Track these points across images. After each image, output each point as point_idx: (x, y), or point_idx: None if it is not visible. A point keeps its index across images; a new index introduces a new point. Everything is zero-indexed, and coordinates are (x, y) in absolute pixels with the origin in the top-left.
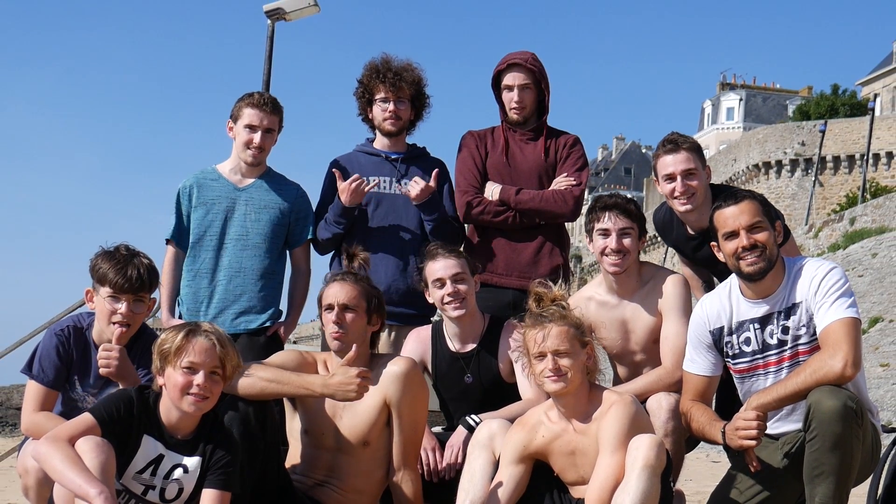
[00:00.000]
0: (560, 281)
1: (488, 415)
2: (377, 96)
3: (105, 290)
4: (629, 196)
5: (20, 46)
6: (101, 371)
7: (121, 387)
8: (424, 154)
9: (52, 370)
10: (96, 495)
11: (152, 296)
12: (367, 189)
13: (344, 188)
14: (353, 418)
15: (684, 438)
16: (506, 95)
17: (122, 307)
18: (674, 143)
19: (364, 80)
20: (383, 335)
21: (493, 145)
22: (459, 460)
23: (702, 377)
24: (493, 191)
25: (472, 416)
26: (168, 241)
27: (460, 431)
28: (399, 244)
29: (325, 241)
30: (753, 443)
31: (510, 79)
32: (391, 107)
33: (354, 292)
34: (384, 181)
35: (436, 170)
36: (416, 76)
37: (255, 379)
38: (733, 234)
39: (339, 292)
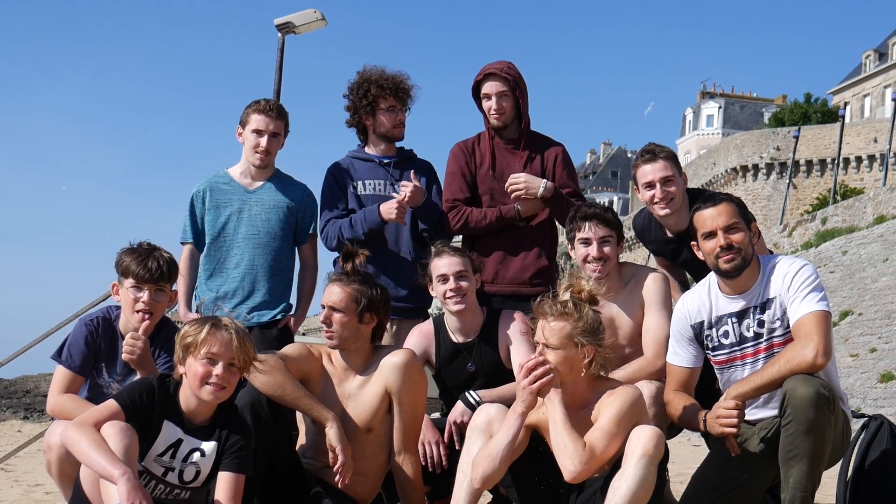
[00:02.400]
0: (591, 279)
1: (486, 393)
2: (384, 105)
3: (129, 282)
4: (616, 198)
5: (45, 57)
6: (124, 357)
7: (139, 375)
8: (412, 156)
9: (80, 357)
10: (119, 476)
11: (173, 288)
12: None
13: (392, 208)
14: (356, 407)
15: (666, 424)
16: (485, 104)
17: (144, 296)
18: (651, 152)
19: (371, 90)
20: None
21: (481, 161)
22: (458, 433)
23: (684, 368)
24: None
25: (471, 392)
26: (183, 244)
27: (460, 407)
28: (396, 244)
29: (345, 239)
30: (734, 430)
31: (488, 88)
32: (400, 115)
33: (343, 294)
34: (379, 184)
35: (412, 171)
36: (412, 85)
37: (275, 386)
38: (711, 234)
39: (329, 295)
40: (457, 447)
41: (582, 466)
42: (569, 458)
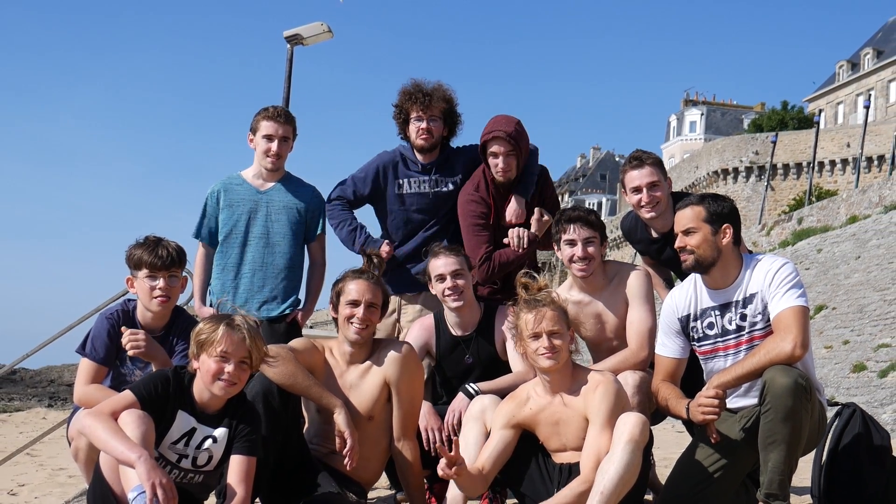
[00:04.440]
0: (543, 272)
1: (485, 384)
2: (412, 115)
3: (143, 273)
4: (604, 199)
5: (68, 66)
6: (131, 353)
7: (153, 366)
8: (454, 153)
9: (103, 349)
10: (137, 458)
11: (183, 273)
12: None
13: (385, 252)
14: (358, 396)
15: (650, 411)
16: (492, 161)
17: (160, 283)
18: (638, 159)
19: (400, 102)
20: (415, 307)
21: (496, 212)
22: (457, 421)
23: (671, 359)
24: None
25: (471, 384)
26: (199, 240)
27: (460, 397)
28: (425, 232)
29: (342, 232)
30: (715, 417)
31: (495, 148)
32: (424, 124)
33: (378, 292)
34: (424, 183)
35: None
36: (446, 95)
37: (287, 376)
38: (676, 235)
39: (366, 290)
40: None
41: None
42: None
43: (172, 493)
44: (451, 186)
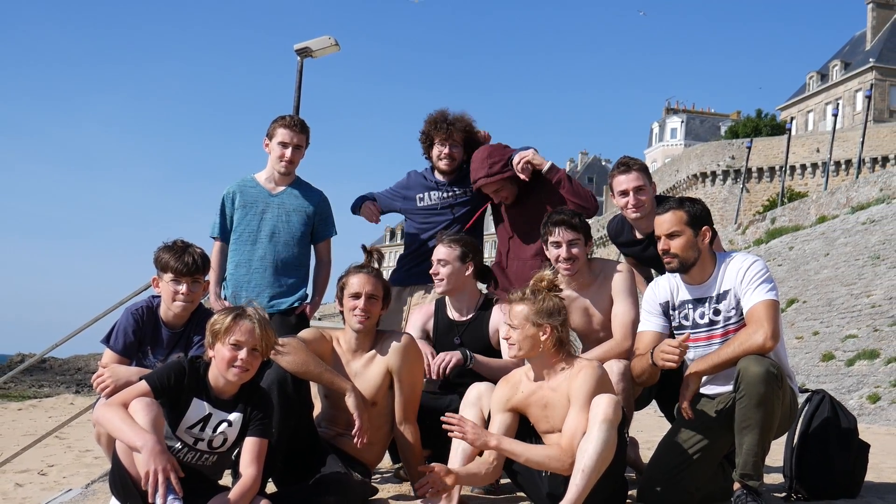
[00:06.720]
0: (552, 267)
1: (481, 357)
2: (435, 141)
3: (168, 276)
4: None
5: (94, 76)
6: (98, 391)
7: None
8: (466, 167)
9: (125, 342)
10: (142, 445)
11: (206, 279)
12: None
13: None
14: (363, 384)
15: (633, 398)
16: (494, 196)
17: (182, 288)
18: (626, 165)
19: (426, 129)
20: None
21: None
22: (452, 363)
23: (651, 332)
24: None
25: (468, 350)
26: (214, 238)
27: (456, 353)
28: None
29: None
30: (673, 365)
31: (487, 191)
32: (446, 150)
33: (378, 284)
34: (433, 197)
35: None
36: (466, 125)
37: (299, 364)
38: (658, 238)
39: (366, 283)
40: (432, 376)
41: (570, 459)
42: (558, 465)
43: (170, 477)
44: (466, 197)
